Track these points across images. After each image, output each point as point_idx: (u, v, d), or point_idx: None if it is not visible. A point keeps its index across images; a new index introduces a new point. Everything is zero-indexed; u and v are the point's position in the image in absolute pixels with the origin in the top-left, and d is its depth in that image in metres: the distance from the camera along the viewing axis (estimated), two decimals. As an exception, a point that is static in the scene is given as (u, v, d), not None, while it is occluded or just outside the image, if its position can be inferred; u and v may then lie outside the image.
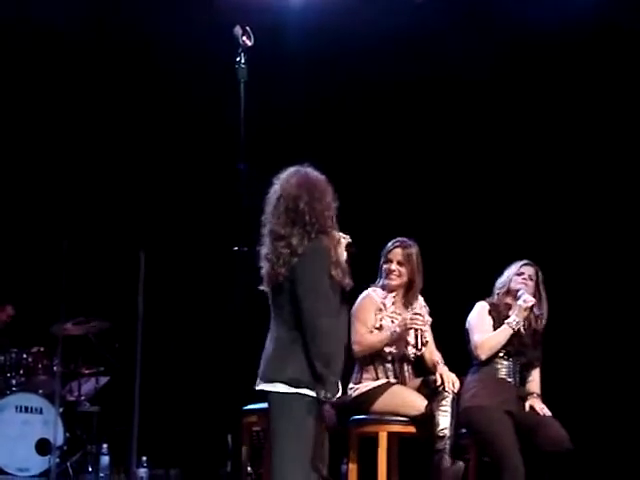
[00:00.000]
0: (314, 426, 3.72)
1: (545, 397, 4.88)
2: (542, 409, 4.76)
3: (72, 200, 6.67)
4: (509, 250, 5.09)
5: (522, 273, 4.89)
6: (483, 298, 4.95)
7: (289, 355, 3.68)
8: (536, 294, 4.88)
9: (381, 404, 4.64)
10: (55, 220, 6.52)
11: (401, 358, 4.76)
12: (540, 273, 4.92)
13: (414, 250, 4.82)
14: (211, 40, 5.79)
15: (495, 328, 4.81)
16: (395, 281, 4.81)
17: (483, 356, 4.76)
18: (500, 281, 4.94)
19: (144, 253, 5.48)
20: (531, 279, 4.89)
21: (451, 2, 6.45)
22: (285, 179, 3.79)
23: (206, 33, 6.06)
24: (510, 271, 4.93)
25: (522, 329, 4.82)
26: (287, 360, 3.69)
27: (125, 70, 6.61)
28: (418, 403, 4.60)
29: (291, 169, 3.83)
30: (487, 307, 4.87)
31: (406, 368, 4.78)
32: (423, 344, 4.69)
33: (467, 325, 4.88)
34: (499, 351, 4.77)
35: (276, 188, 3.79)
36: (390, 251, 4.81)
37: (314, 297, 3.63)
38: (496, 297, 4.92)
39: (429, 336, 4.82)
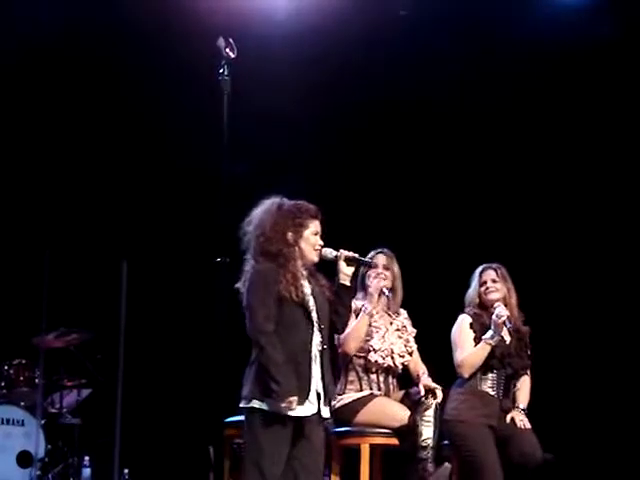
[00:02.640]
0: (269, 439, 3.87)
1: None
2: (521, 421, 4.74)
3: (54, 210, 6.64)
4: (492, 258, 5.09)
5: (485, 282, 4.88)
6: (463, 309, 4.95)
7: (247, 372, 4.00)
8: (506, 292, 4.85)
9: (364, 416, 4.63)
10: (37, 230, 6.49)
11: (386, 370, 4.76)
12: (501, 270, 4.90)
13: (394, 257, 4.92)
14: (194, 52, 5.80)
15: (477, 341, 4.80)
16: (383, 283, 4.82)
17: (466, 374, 4.76)
18: (470, 295, 4.91)
19: (126, 263, 5.46)
20: (494, 281, 4.87)
21: (437, 14, 6.48)
22: None
23: (189, 45, 6.05)
24: (474, 282, 4.90)
25: (506, 337, 4.81)
26: (246, 376, 4.00)
27: (104, 82, 6.60)
28: (401, 415, 4.60)
29: None
30: (469, 320, 4.84)
31: (391, 380, 4.80)
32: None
33: (451, 339, 4.87)
34: (482, 365, 4.76)
35: None
36: (373, 257, 4.83)
37: (249, 314, 3.93)
38: (474, 310, 4.88)
39: (414, 347, 4.86)
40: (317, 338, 4.01)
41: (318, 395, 3.97)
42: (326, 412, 4.03)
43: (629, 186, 6.65)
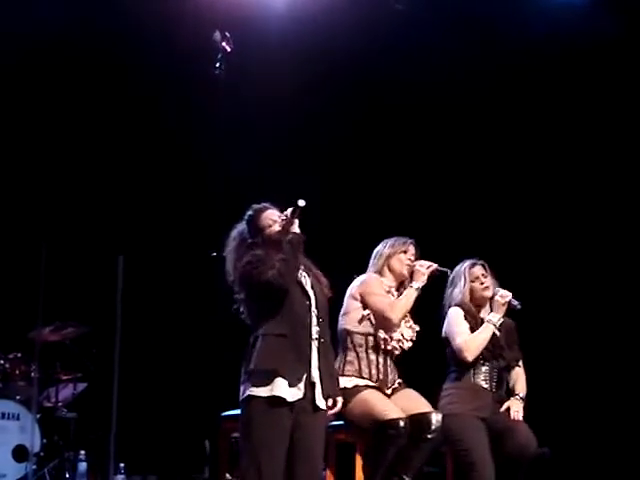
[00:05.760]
0: (267, 431, 3.87)
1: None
2: (515, 412, 4.74)
3: (51, 204, 6.64)
4: (483, 251, 5.09)
5: (477, 277, 4.87)
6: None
7: (245, 357, 4.03)
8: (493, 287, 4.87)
9: (354, 411, 4.58)
10: (33, 223, 6.49)
11: (386, 352, 4.69)
12: (485, 264, 4.90)
13: None
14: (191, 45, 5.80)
15: (472, 331, 4.79)
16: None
17: (470, 357, 4.72)
18: (460, 292, 4.85)
19: (123, 258, 5.45)
20: (485, 276, 4.88)
21: (437, 9, 6.48)
22: None
23: (186, 38, 6.04)
24: (463, 279, 4.86)
25: (496, 331, 4.81)
26: (244, 363, 4.03)
27: (101, 77, 6.60)
28: (392, 414, 4.54)
29: None
30: (462, 313, 4.83)
31: (389, 362, 4.72)
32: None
33: (444, 334, 4.84)
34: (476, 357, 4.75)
35: None
36: (408, 245, 4.82)
37: (250, 272, 4.01)
38: (464, 306, 4.85)
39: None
40: (315, 328, 4.03)
41: (313, 384, 3.98)
42: (322, 403, 4.02)
43: (626, 185, 6.66)
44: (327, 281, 4.25)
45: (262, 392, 3.90)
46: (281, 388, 3.89)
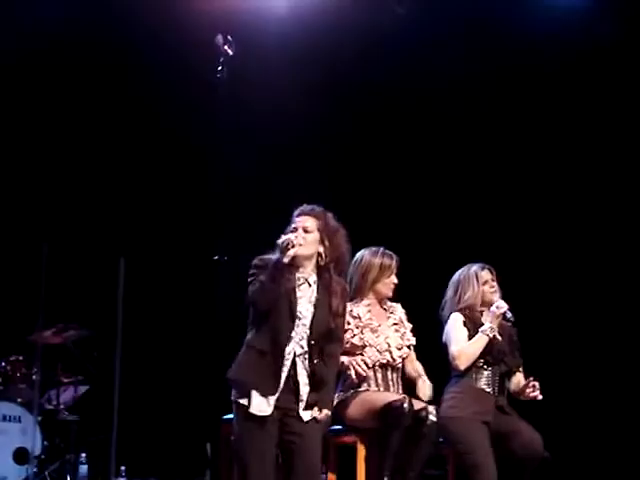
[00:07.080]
0: (251, 436, 3.94)
1: (522, 404, 4.89)
2: (535, 387, 4.75)
3: (52, 206, 6.64)
4: (485, 255, 5.10)
5: (486, 281, 4.89)
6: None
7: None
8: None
9: (354, 407, 4.59)
10: (34, 225, 6.49)
11: (384, 366, 4.71)
12: (492, 268, 4.93)
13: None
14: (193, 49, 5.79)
15: (470, 338, 4.80)
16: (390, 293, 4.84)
17: (462, 366, 4.75)
18: (472, 295, 4.87)
19: (124, 260, 5.46)
20: (493, 280, 4.91)
21: (438, 12, 6.48)
22: None
23: (188, 42, 6.04)
24: (473, 283, 4.88)
25: (497, 336, 4.82)
26: None
27: (103, 79, 6.60)
28: (391, 398, 4.54)
29: None
30: (462, 319, 4.85)
31: (390, 376, 4.74)
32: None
33: (444, 338, 4.86)
34: (478, 361, 4.77)
35: None
36: (394, 266, 4.81)
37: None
38: (466, 311, 4.86)
39: (412, 340, 4.83)
40: (298, 347, 4.02)
41: (297, 399, 4.01)
42: (306, 416, 4.04)
43: (626, 187, 6.66)
44: (340, 303, 4.14)
45: (242, 401, 4.02)
46: (255, 402, 3.97)
